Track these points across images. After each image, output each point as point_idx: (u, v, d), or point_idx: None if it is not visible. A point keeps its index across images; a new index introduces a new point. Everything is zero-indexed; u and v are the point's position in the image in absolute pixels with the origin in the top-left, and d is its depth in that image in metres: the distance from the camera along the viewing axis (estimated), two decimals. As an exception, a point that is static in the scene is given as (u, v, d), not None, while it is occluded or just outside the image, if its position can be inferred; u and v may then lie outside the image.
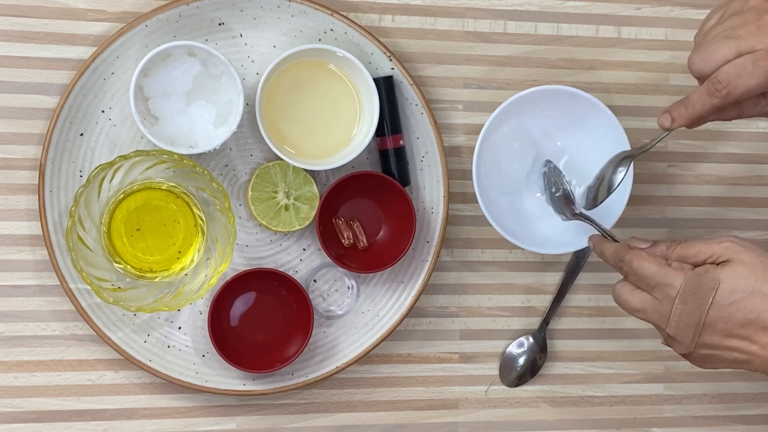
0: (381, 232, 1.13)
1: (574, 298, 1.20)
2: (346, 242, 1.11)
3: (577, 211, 1.08)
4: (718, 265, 0.92)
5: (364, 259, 1.11)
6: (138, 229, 1.07)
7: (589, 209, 1.07)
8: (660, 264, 0.94)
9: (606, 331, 1.20)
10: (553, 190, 1.11)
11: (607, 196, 1.04)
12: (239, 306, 1.10)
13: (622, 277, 0.98)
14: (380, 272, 1.12)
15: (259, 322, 1.11)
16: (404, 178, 1.12)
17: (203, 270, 1.08)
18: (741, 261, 0.91)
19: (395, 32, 1.14)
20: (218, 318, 1.08)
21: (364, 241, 1.12)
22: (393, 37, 1.14)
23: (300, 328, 1.10)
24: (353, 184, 1.09)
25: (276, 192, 1.10)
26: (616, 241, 1.03)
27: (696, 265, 0.93)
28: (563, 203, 1.10)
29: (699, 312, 0.91)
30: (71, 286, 1.06)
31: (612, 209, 1.12)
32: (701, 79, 0.95)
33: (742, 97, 0.93)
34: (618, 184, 1.03)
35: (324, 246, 1.09)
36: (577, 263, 1.18)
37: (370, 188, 1.11)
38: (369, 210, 1.13)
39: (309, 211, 1.10)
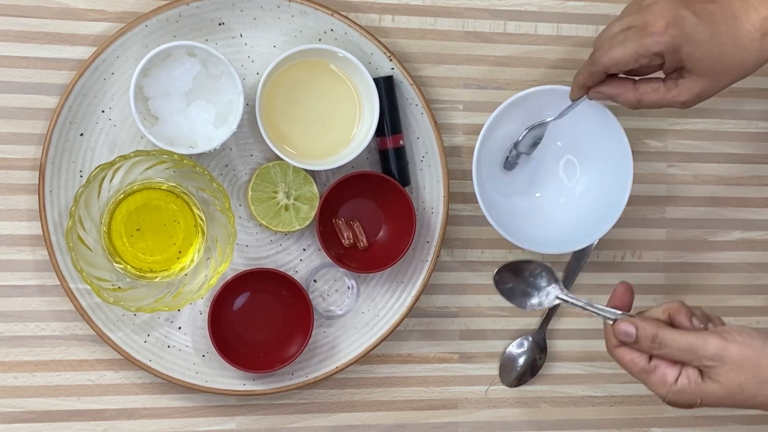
0: (381, 232, 1.13)
1: (574, 298, 1.20)
2: (346, 242, 1.11)
3: (561, 295, 1.02)
4: (702, 372, 0.92)
5: (364, 259, 1.11)
6: (138, 229, 1.07)
7: (506, 169, 1.14)
8: (644, 371, 0.94)
9: (606, 331, 1.21)
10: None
11: (510, 154, 1.12)
12: (239, 306, 1.10)
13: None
14: (380, 272, 1.12)
15: (259, 322, 1.11)
16: (404, 178, 1.12)
17: (203, 270, 1.08)
18: (727, 377, 0.91)
19: (395, 32, 1.14)
20: (218, 318, 1.08)
21: (364, 241, 1.12)
22: (393, 37, 1.14)
23: (300, 328, 1.10)
24: (353, 184, 1.09)
25: (276, 192, 1.10)
26: (609, 311, 0.98)
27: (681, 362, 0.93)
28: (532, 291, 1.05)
29: (689, 408, 0.94)
30: (71, 286, 1.06)
31: (612, 209, 1.12)
32: None
33: (611, 67, 0.99)
34: (519, 142, 1.11)
35: (324, 246, 1.09)
36: (577, 263, 1.18)
37: (370, 188, 1.11)
38: (369, 210, 1.13)
39: (309, 211, 1.10)
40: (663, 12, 0.95)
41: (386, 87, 1.10)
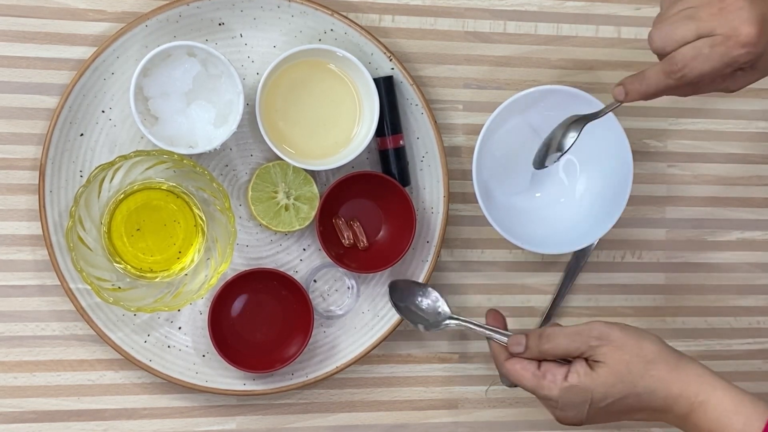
0: (381, 232, 1.13)
1: (574, 298, 1.20)
2: (346, 242, 1.11)
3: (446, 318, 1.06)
4: (589, 361, 0.95)
5: (364, 259, 1.11)
6: (138, 229, 1.07)
7: (537, 169, 1.05)
8: (535, 376, 0.97)
9: (606, 331, 1.20)
10: None
11: (557, 160, 1.03)
12: (239, 306, 1.10)
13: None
14: (380, 272, 1.12)
15: (259, 322, 1.11)
16: (404, 178, 1.12)
17: (203, 270, 1.08)
18: (613, 357, 0.94)
19: (395, 32, 1.14)
20: (218, 318, 1.08)
21: (364, 241, 1.12)
22: (393, 37, 1.14)
23: (300, 328, 1.10)
24: (353, 184, 1.09)
25: (276, 192, 1.10)
26: (497, 331, 1.02)
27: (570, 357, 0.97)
28: None
29: (579, 416, 0.96)
30: (71, 286, 1.06)
31: (612, 209, 1.12)
32: (660, 56, 0.94)
33: (696, 80, 0.92)
34: (568, 148, 1.01)
35: (324, 246, 1.09)
36: (577, 263, 1.18)
37: (370, 188, 1.11)
38: (369, 210, 1.13)
39: (309, 211, 1.10)
40: (751, 18, 0.88)
41: (386, 87, 1.10)
